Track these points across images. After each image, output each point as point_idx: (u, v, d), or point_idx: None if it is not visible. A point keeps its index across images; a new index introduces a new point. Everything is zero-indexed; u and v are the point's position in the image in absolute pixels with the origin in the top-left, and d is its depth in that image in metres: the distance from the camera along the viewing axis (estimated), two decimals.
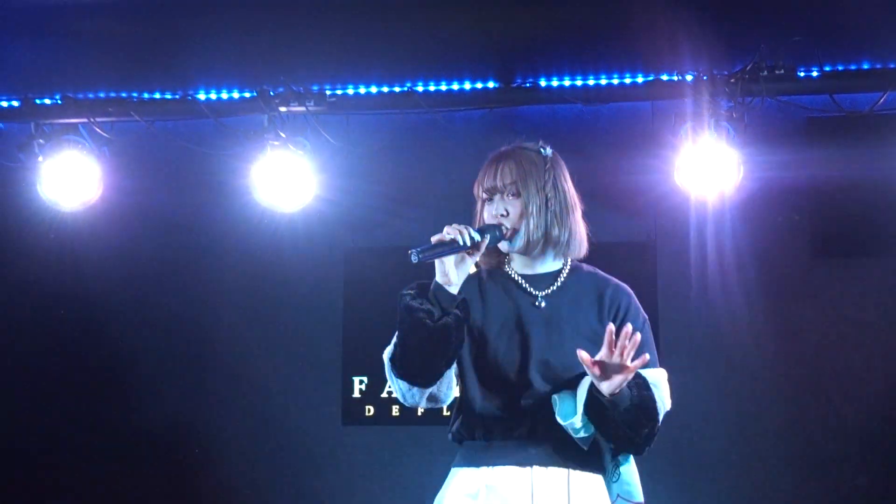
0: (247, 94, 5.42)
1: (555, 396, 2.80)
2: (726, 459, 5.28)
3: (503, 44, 5.11)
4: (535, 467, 2.84)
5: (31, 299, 5.81)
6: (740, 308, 5.28)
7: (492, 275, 3.03)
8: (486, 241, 2.84)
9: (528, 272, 3.00)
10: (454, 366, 2.91)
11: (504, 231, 2.92)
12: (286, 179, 5.29)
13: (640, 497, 2.92)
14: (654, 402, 2.83)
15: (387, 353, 2.90)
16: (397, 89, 5.41)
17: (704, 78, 5.04)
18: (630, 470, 2.93)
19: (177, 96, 5.49)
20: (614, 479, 2.91)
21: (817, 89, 5.17)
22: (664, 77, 5.20)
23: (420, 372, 2.84)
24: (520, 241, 2.93)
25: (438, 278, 2.81)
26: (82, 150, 5.42)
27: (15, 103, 5.55)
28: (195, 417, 5.72)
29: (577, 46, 5.12)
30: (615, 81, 5.31)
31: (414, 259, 2.73)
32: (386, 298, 3.26)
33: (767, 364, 5.32)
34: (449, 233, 2.80)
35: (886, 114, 5.11)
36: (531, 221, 2.92)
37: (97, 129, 5.46)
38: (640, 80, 5.27)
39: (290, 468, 5.62)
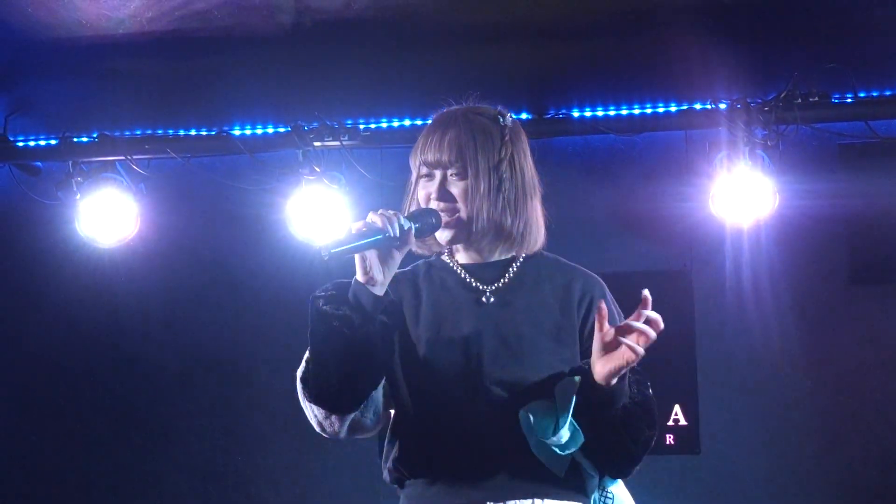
0: (281, 130, 5.45)
1: (524, 412, 2.27)
2: (767, 488, 5.22)
3: (535, 75, 5.12)
4: None
5: (70, 336, 5.84)
6: (778, 335, 5.24)
7: (430, 268, 2.50)
8: (416, 230, 2.33)
9: (474, 262, 2.47)
10: (384, 392, 2.41)
11: (441, 219, 2.39)
12: (321, 214, 5.31)
13: None
14: (654, 403, 2.42)
15: (299, 372, 2.38)
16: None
17: (738, 106, 5.02)
18: (622, 491, 2.45)
19: (212, 132, 5.52)
20: None
21: (852, 116, 5.13)
22: (697, 106, 5.19)
23: (338, 394, 2.30)
24: (461, 232, 2.40)
25: (359, 277, 2.28)
26: (119, 188, 5.46)
27: (53, 142, 5.60)
28: (231, 457, 5.71)
29: (610, 76, 5.12)
30: (648, 111, 5.29)
31: (325, 255, 2.21)
32: None
33: (807, 392, 5.27)
34: (372, 220, 2.28)
35: None
36: (477, 209, 2.38)
37: (134, 167, 5.50)
38: (673, 109, 5.26)
39: None
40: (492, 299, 2.41)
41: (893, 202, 5.13)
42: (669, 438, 5.23)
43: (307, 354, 2.35)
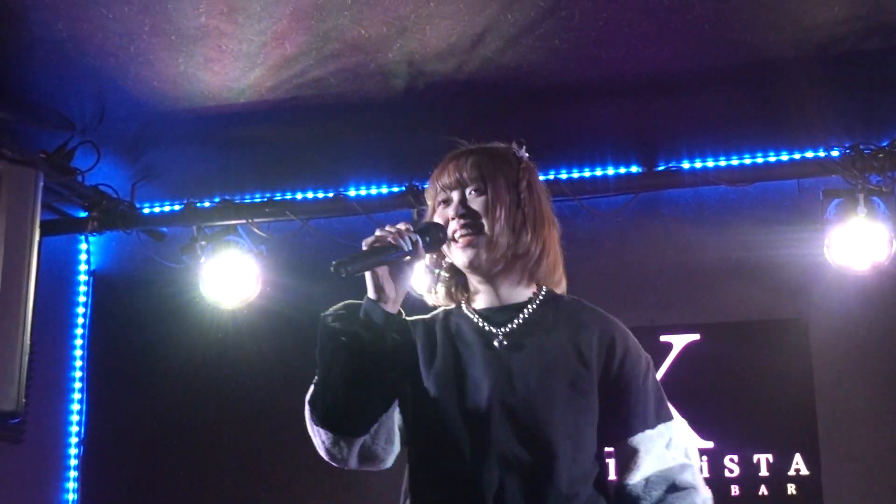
0: (395, 190, 5.55)
1: None
2: None
3: (645, 128, 5.15)
4: None
5: (196, 396, 5.96)
6: None
7: (448, 314, 2.42)
8: (425, 244, 2.28)
9: (489, 306, 2.38)
10: (398, 419, 2.32)
11: (446, 233, 2.35)
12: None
13: None
14: None
15: (308, 395, 2.32)
16: (541, 177, 5.46)
17: (851, 153, 4.99)
18: None
19: (329, 194, 5.65)
20: None
21: None
22: (809, 154, 5.17)
23: (346, 414, 2.21)
24: (482, 249, 2.32)
25: (371, 294, 2.24)
26: (241, 250, 5.60)
27: (177, 208, 5.80)
28: None
29: (719, 127, 5.13)
30: (759, 160, 5.28)
31: (342, 272, 2.14)
32: None
33: None
34: (383, 235, 2.25)
35: None
36: (498, 224, 2.32)
37: (255, 230, 5.65)
38: (784, 157, 5.24)
39: None
40: (504, 342, 2.31)
41: None
42: (791, 488, 5.16)
43: (316, 377, 2.28)
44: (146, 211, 5.86)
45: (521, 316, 2.34)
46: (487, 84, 4.65)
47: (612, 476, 2.45)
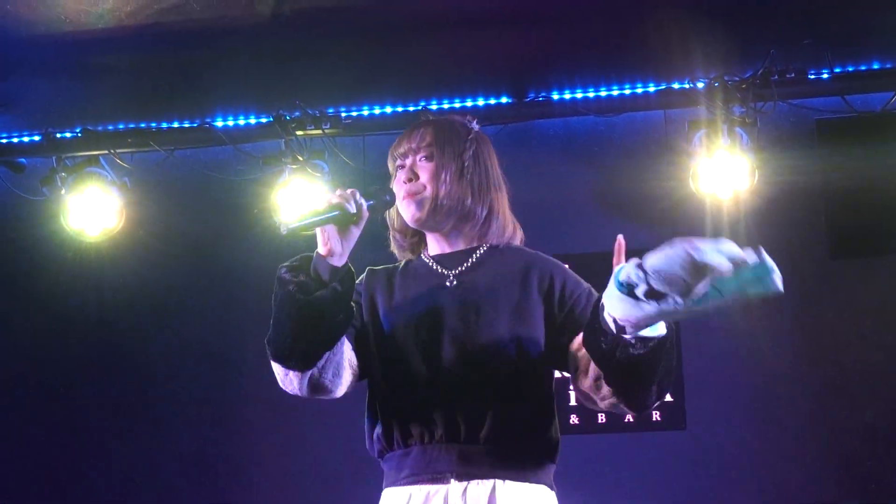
0: (263, 120, 5.48)
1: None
2: (751, 460, 5.28)
3: (515, 59, 5.15)
4: (453, 483, 2.47)
5: (59, 329, 5.87)
6: (759, 310, 5.28)
7: (408, 263, 2.76)
8: (370, 207, 2.52)
9: (442, 252, 2.71)
10: (350, 356, 2.59)
11: (395, 195, 2.63)
12: (305, 202, 5.34)
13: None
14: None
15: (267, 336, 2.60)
16: (411, 108, 5.45)
17: (716, 85, 5.07)
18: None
19: (195, 125, 5.55)
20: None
21: (829, 91, 5.19)
22: (676, 85, 5.24)
23: (291, 353, 2.52)
24: (428, 210, 2.64)
25: (320, 249, 2.47)
26: (104, 182, 5.50)
27: (37, 138, 5.64)
28: (222, 445, 5.73)
29: (589, 59, 5.15)
30: (627, 92, 5.34)
31: (283, 230, 2.44)
32: None
33: (789, 365, 5.33)
34: (330, 200, 2.46)
35: None
36: (442, 187, 2.63)
37: (118, 160, 5.54)
38: (651, 89, 5.31)
39: (319, 498, 5.61)
40: (454, 282, 2.63)
41: (871, 176, 5.18)
42: (656, 415, 5.29)
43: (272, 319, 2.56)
44: (3, 141, 5.70)
45: (469, 260, 2.65)
46: (354, 12, 4.58)
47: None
